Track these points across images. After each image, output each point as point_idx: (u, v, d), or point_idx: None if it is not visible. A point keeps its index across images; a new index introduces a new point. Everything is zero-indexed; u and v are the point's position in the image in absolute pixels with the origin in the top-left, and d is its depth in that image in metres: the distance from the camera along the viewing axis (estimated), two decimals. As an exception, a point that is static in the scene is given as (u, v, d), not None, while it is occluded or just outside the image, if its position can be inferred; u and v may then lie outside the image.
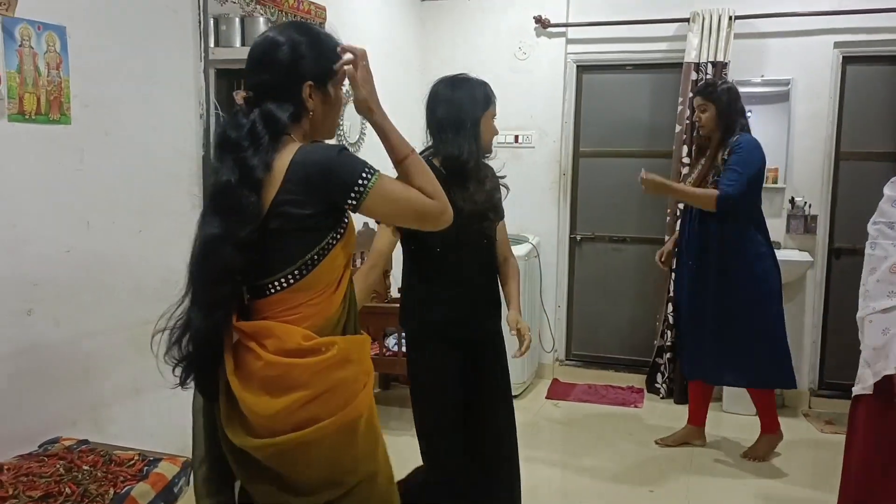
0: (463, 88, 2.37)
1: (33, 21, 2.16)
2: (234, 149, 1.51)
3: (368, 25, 4.18)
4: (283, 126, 1.54)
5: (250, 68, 1.60)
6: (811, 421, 4.14)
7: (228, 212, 1.50)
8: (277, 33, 1.62)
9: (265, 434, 1.51)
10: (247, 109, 1.56)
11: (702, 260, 3.46)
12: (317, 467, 1.54)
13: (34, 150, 2.19)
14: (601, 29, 4.58)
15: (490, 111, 2.38)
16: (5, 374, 2.12)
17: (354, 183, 1.52)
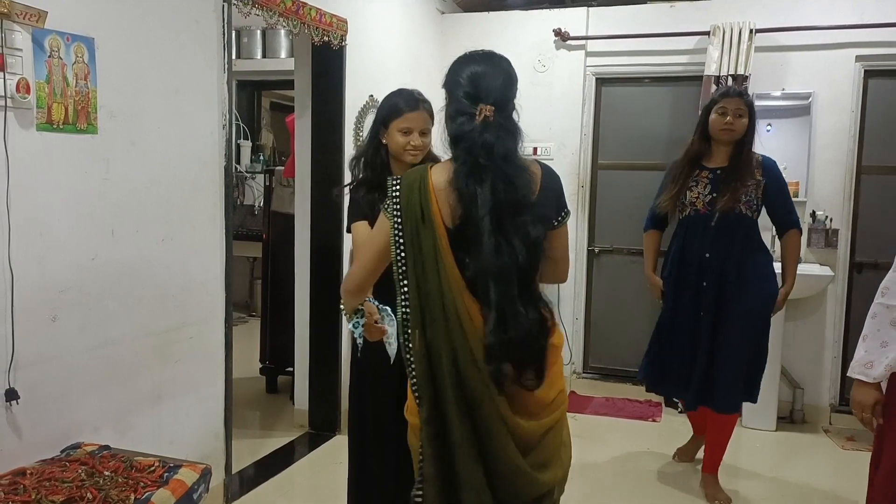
0: (387, 96, 2.44)
1: (62, 32, 2.20)
2: (512, 160, 1.66)
3: (389, 38, 4.22)
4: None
5: (505, 84, 1.77)
6: (832, 437, 4.09)
7: (532, 218, 1.65)
8: (493, 53, 1.91)
9: (543, 416, 1.74)
10: (492, 122, 1.67)
11: (721, 283, 3.13)
12: (555, 443, 1.79)
13: (62, 159, 2.23)
14: (621, 42, 4.59)
15: (397, 122, 2.34)
16: (30, 379, 2.15)
17: (563, 206, 1.81)
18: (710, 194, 3.14)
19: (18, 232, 2.09)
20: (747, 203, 3.11)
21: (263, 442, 3.71)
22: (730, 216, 3.09)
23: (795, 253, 3.26)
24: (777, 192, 3.18)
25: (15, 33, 2.06)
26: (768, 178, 3.14)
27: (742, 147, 3.14)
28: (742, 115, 3.13)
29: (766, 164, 3.17)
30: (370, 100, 3.98)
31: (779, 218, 3.22)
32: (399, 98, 2.39)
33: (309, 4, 3.33)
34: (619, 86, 4.77)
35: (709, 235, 3.14)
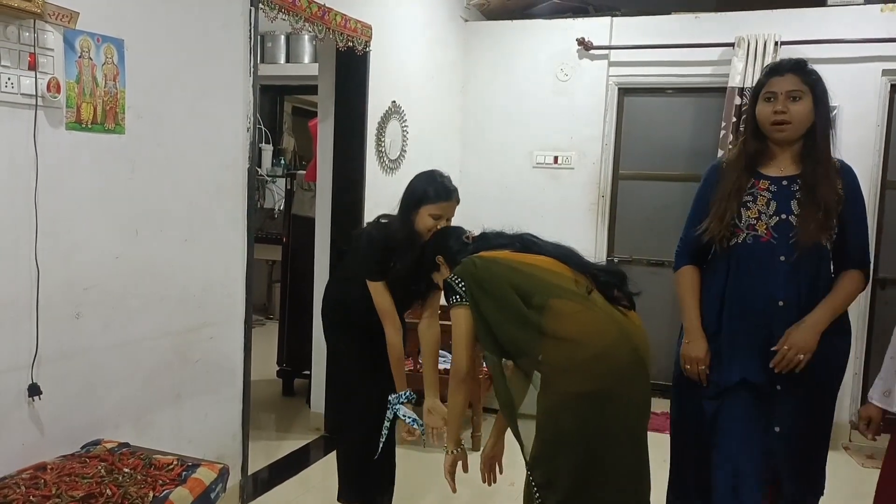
0: (417, 179, 2.66)
1: (93, 33, 2.23)
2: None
3: (412, 44, 4.24)
4: None
5: None
6: (852, 455, 4.04)
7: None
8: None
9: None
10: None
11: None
12: None
13: (89, 158, 2.26)
14: (644, 52, 4.58)
15: (426, 208, 2.55)
16: (53, 375, 2.18)
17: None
18: (778, 215, 2.16)
19: (45, 229, 2.11)
20: (830, 230, 2.16)
21: (279, 444, 3.73)
22: (811, 249, 2.13)
23: (846, 300, 2.20)
24: (853, 216, 2.20)
25: (47, 33, 2.09)
26: (847, 191, 2.18)
27: (815, 145, 2.16)
28: (800, 97, 2.15)
29: (846, 173, 2.21)
30: (392, 105, 4.00)
31: (847, 250, 2.19)
32: (433, 186, 2.58)
33: (335, 10, 3.35)
34: (641, 96, 4.76)
35: (779, 274, 2.15)
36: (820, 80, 2.19)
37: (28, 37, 2.04)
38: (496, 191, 4.89)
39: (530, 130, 4.85)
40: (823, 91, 2.17)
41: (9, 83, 1.99)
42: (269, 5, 2.94)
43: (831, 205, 2.11)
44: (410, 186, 2.64)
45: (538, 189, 4.84)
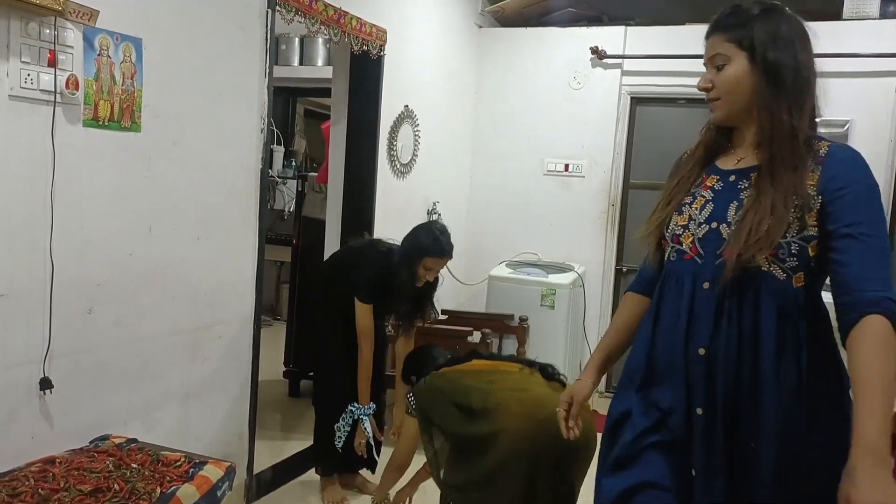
0: (423, 231, 3.04)
1: (112, 32, 2.25)
2: None
3: (427, 49, 4.26)
4: None
5: None
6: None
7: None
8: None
9: None
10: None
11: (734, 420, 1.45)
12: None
13: (105, 156, 2.28)
14: (657, 62, 4.58)
15: (426, 261, 2.94)
16: (64, 369, 2.19)
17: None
18: (709, 222, 1.48)
19: (60, 225, 2.13)
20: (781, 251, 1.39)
21: (284, 444, 3.73)
22: (753, 275, 1.40)
23: (883, 367, 1.27)
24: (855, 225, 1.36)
25: (67, 31, 2.11)
26: (833, 190, 1.39)
27: (772, 125, 1.45)
28: (725, 62, 1.53)
29: (836, 163, 1.42)
30: (405, 110, 4.01)
31: (848, 281, 1.35)
32: (438, 243, 2.95)
33: (351, 13, 3.37)
34: (653, 106, 4.76)
35: (703, 308, 1.45)
36: (756, 25, 1.49)
37: (48, 34, 2.06)
38: (506, 197, 4.91)
39: (542, 138, 4.86)
40: (767, 40, 1.45)
41: (28, 79, 2.02)
42: (285, 7, 2.96)
43: (781, 210, 1.36)
44: (415, 237, 3.00)
45: (548, 196, 4.85)
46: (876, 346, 1.27)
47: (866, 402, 1.23)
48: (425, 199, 4.38)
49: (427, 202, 4.40)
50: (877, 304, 1.29)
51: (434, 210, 4.40)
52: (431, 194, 4.41)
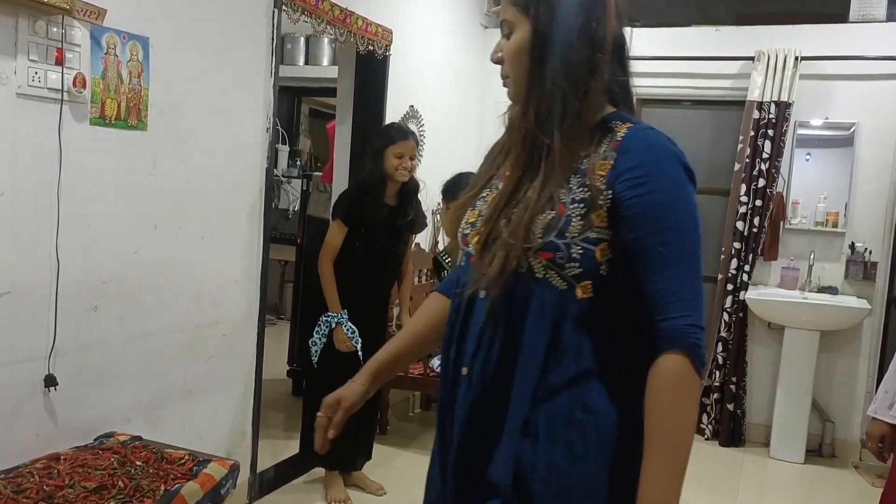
0: (376, 129, 3.30)
1: (119, 31, 2.26)
2: None
3: (432, 49, 4.26)
4: None
5: None
6: (862, 474, 4.01)
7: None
8: None
9: None
10: None
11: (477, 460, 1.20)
12: None
13: (112, 154, 2.28)
14: (663, 63, 4.57)
15: (392, 148, 3.06)
16: (69, 366, 2.20)
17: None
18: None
19: (66, 222, 2.14)
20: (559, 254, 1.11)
21: (287, 443, 3.73)
22: (517, 282, 1.15)
23: (676, 418, 1.08)
24: (653, 232, 1.10)
25: (74, 29, 2.12)
26: (629, 184, 1.11)
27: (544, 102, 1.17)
28: (511, 28, 1.24)
29: (634, 150, 1.14)
30: (410, 110, 4.01)
31: (648, 303, 1.10)
32: (392, 130, 3.18)
33: (357, 13, 3.37)
34: (659, 107, 4.75)
35: (476, 319, 1.20)
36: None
37: (56, 32, 2.07)
38: (511, 198, 4.90)
39: (547, 138, 4.86)
40: (549, 4, 1.17)
41: (36, 77, 2.02)
42: (291, 7, 2.96)
43: (544, 203, 1.12)
44: (372, 136, 3.19)
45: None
46: (672, 394, 1.07)
47: (654, 456, 1.06)
48: (430, 200, 4.38)
49: (432, 202, 4.39)
50: (679, 338, 1.06)
51: (439, 210, 4.40)
52: (436, 195, 4.41)
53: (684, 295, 1.08)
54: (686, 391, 1.07)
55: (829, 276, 4.29)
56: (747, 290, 4.26)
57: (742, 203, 4.25)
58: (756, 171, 4.22)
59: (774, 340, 4.33)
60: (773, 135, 4.20)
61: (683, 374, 1.06)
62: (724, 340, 4.34)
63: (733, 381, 4.32)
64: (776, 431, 4.16)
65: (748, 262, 4.27)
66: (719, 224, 4.46)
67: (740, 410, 4.34)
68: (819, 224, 4.27)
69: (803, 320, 4.10)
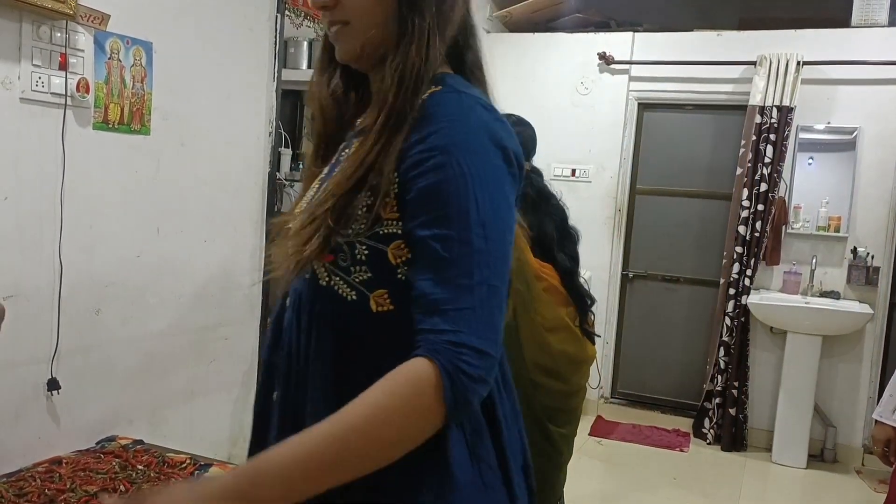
0: None
1: (123, 35, 2.27)
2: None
3: (435, 54, 4.26)
4: None
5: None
6: (864, 479, 4.01)
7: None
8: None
9: None
10: None
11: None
12: None
13: (115, 158, 2.29)
14: (665, 68, 4.58)
15: None
16: (71, 370, 2.20)
17: None
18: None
19: (69, 225, 2.15)
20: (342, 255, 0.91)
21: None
22: (310, 290, 0.94)
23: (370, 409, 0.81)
24: (437, 218, 0.85)
25: (78, 34, 2.13)
26: (411, 163, 0.87)
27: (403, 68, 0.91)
28: None
29: (438, 117, 0.88)
30: (413, 114, 4.02)
31: (416, 303, 0.86)
32: None
33: (359, 18, 3.38)
34: (661, 112, 4.76)
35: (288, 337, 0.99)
36: None
37: (60, 37, 2.08)
38: (513, 202, 4.91)
39: (549, 142, 4.84)
40: None
41: (39, 82, 2.03)
42: (294, 12, 2.98)
43: (342, 186, 0.90)
44: None
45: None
46: (391, 390, 0.80)
47: (308, 438, 0.79)
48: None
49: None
50: (438, 354, 0.80)
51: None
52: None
53: (460, 301, 0.82)
54: (409, 406, 0.79)
55: (832, 281, 4.29)
56: (749, 294, 4.26)
57: (744, 207, 4.25)
58: (758, 175, 4.23)
59: (776, 345, 4.33)
60: (775, 139, 4.20)
61: (421, 388, 0.79)
62: (725, 345, 4.34)
63: (735, 385, 4.31)
64: (778, 436, 4.15)
65: (750, 267, 4.26)
66: (721, 228, 4.46)
67: (742, 415, 4.34)
68: (821, 228, 4.27)
69: (805, 325, 4.09)
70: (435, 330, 0.81)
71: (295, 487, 0.77)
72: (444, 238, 0.83)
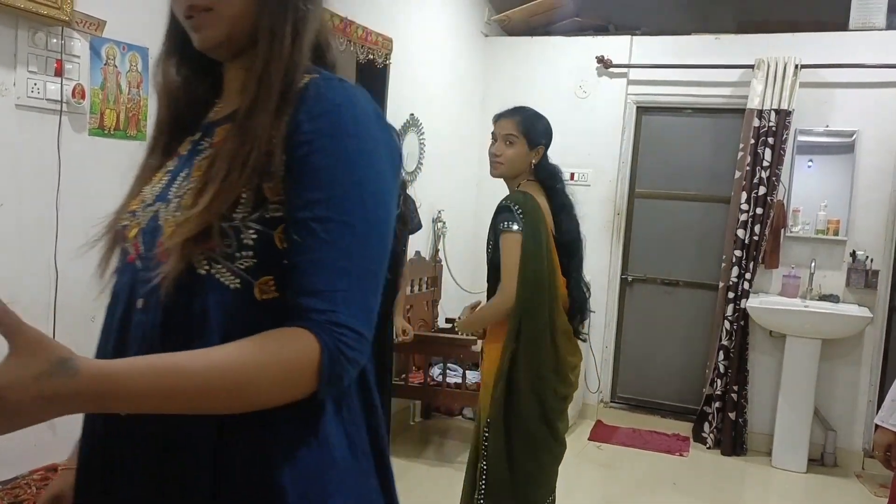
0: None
1: (119, 41, 2.27)
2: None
3: (433, 58, 4.27)
4: None
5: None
6: (864, 483, 4.00)
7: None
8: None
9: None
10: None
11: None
12: None
13: (110, 164, 2.29)
14: (663, 71, 4.58)
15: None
16: (67, 377, 2.19)
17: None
18: (155, 204, 0.97)
19: (65, 232, 2.14)
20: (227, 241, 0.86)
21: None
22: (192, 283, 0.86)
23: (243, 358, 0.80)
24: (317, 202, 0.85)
25: (74, 41, 2.13)
26: (294, 145, 0.86)
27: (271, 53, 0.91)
28: None
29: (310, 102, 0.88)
30: (411, 118, 4.02)
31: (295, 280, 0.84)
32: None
33: (356, 23, 3.38)
34: (659, 115, 4.76)
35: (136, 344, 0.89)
36: None
37: (55, 43, 2.07)
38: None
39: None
40: None
41: (35, 88, 2.03)
42: (292, 17, 2.97)
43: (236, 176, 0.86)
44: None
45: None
46: (272, 352, 0.79)
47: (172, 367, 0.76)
48: (431, 208, 4.38)
49: (433, 210, 4.40)
50: (319, 332, 0.80)
51: (439, 218, 4.40)
52: (437, 203, 4.42)
53: (338, 286, 0.82)
54: (283, 374, 0.79)
55: (831, 285, 4.28)
56: (748, 298, 4.25)
57: (742, 211, 4.25)
58: (756, 178, 4.22)
59: (776, 349, 4.32)
60: (774, 143, 4.20)
61: (301, 360, 0.79)
62: (725, 349, 4.33)
63: (735, 389, 4.31)
64: (778, 440, 4.14)
65: (749, 271, 4.26)
66: (720, 232, 4.46)
67: (742, 419, 4.33)
68: (820, 232, 4.27)
69: (805, 329, 4.09)
70: (316, 309, 0.81)
71: (145, 405, 0.77)
72: (325, 220, 0.83)
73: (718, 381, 4.33)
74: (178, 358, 0.78)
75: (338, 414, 0.90)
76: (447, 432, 4.37)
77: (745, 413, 4.34)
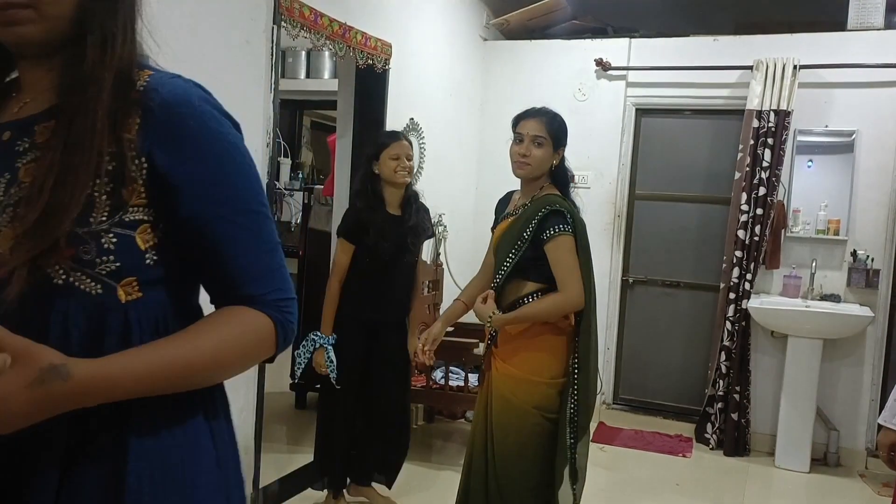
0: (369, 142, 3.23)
1: (119, 49, 2.27)
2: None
3: (432, 62, 4.28)
4: None
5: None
6: (867, 482, 3.99)
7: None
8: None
9: None
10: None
11: None
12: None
13: (112, 171, 2.29)
14: (662, 73, 4.59)
15: (387, 151, 3.04)
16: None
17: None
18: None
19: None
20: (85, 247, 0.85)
21: (290, 457, 3.73)
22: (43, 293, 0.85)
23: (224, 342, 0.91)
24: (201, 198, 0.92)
25: (75, 48, 2.13)
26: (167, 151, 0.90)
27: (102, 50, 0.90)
28: None
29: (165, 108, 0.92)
30: (410, 122, 4.03)
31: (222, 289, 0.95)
32: (380, 135, 3.19)
33: (356, 28, 3.39)
34: (659, 117, 4.77)
35: None
36: None
37: (56, 51, 2.08)
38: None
39: (547, 149, 4.87)
40: None
41: (36, 96, 2.03)
42: (291, 23, 2.98)
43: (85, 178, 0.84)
44: (364, 147, 3.24)
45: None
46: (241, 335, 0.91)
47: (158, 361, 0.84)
48: (431, 212, 4.38)
49: (433, 214, 4.40)
50: (273, 306, 0.93)
51: (440, 222, 4.41)
52: (437, 206, 4.42)
53: (269, 265, 0.93)
54: (254, 351, 0.92)
55: (832, 284, 4.29)
56: (749, 298, 4.26)
57: (743, 212, 4.25)
58: (756, 179, 4.23)
59: (777, 349, 4.32)
60: (773, 143, 4.20)
61: (261, 331, 0.92)
62: (727, 349, 4.33)
63: (737, 390, 4.31)
64: (781, 441, 4.14)
65: (750, 271, 4.26)
66: (720, 233, 4.46)
67: (744, 420, 4.33)
68: (820, 232, 4.27)
69: (806, 329, 4.09)
70: (260, 294, 0.92)
71: (138, 394, 0.84)
72: (233, 214, 0.91)
73: (720, 382, 4.34)
74: (168, 348, 0.85)
75: (201, 406, 0.96)
76: (450, 435, 4.38)
77: (748, 413, 4.34)
